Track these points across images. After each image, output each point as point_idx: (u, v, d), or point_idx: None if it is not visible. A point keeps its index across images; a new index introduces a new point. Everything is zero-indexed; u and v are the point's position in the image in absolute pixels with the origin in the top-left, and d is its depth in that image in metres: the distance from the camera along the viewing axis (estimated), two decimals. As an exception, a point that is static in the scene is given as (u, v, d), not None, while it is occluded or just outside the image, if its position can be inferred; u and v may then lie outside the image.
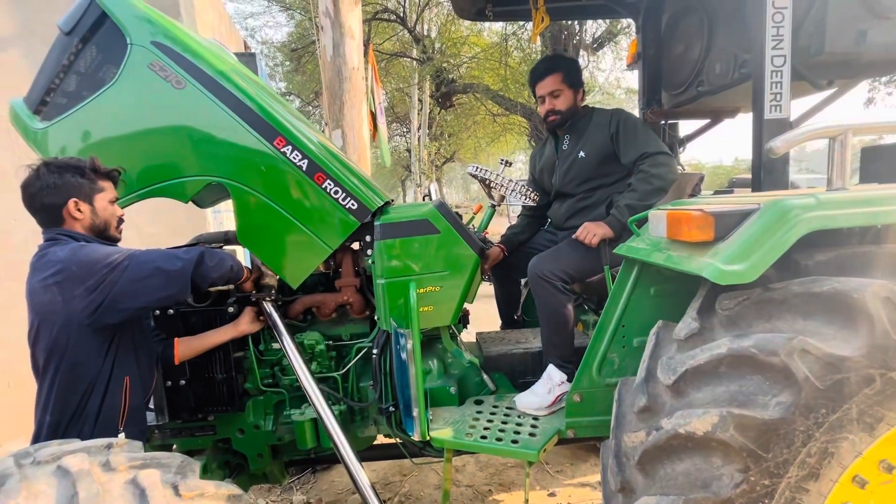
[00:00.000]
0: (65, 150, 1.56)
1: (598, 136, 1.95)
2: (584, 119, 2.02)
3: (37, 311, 1.30)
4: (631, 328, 1.60)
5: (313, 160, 1.63)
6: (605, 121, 1.95)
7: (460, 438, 1.63)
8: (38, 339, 1.30)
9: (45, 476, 1.07)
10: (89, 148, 1.56)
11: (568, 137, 2.06)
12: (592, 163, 1.96)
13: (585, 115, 2.04)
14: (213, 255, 1.46)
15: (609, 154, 1.94)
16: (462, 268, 1.76)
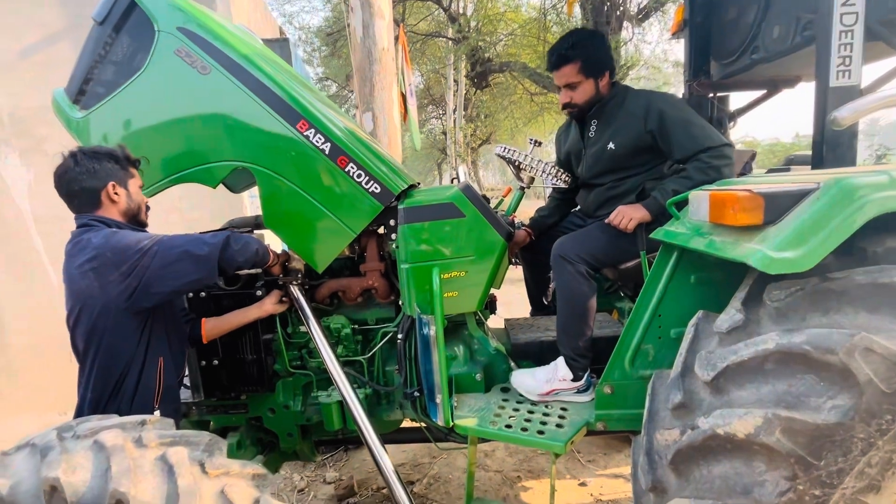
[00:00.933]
0: (102, 138, 1.62)
1: (630, 127, 1.74)
2: (613, 103, 1.80)
3: (76, 296, 1.36)
4: (668, 318, 1.50)
5: (336, 143, 1.61)
6: (639, 110, 1.72)
7: (484, 427, 1.60)
8: (78, 323, 1.36)
9: (83, 450, 1.13)
10: (124, 135, 1.60)
11: (595, 124, 1.86)
12: (624, 155, 1.78)
13: (615, 97, 1.80)
14: (239, 238, 1.48)
15: (644, 146, 1.75)
16: (488, 253, 1.70)
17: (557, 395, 1.72)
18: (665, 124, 1.67)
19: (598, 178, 1.88)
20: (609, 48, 1.80)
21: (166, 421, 1.31)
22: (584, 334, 1.68)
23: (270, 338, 1.80)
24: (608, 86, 1.82)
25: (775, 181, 1.16)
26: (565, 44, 1.76)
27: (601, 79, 1.79)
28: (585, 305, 1.66)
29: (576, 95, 1.80)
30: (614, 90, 1.83)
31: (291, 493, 2.65)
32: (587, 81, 1.77)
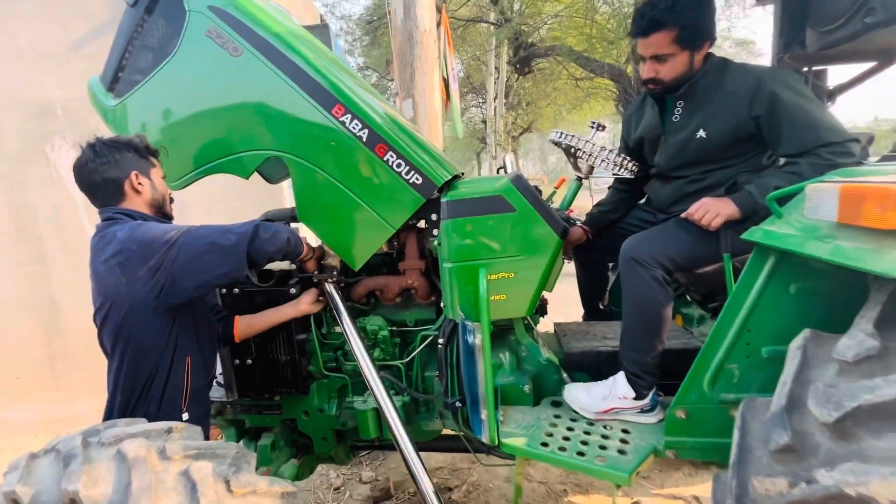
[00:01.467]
0: (137, 126, 1.55)
1: (731, 111, 1.44)
2: (708, 81, 1.49)
3: (104, 293, 1.30)
4: (760, 334, 1.26)
5: (374, 130, 1.47)
6: (744, 91, 1.41)
7: (535, 448, 1.42)
8: (107, 320, 1.30)
9: (105, 460, 1.05)
10: (155, 124, 1.53)
11: (681, 106, 1.57)
12: (717, 146, 1.49)
13: (710, 73, 1.49)
14: (268, 227, 1.37)
15: (745, 135, 1.46)
16: (540, 251, 1.51)
17: (617, 414, 1.52)
18: (777, 110, 1.37)
19: (680, 169, 1.60)
20: (714, 11, 1.48)
21: (193, 429, 1.23)
22: (654, 349, 1.46)
23: (304, 338, 1.70)
24: (703, 59, 1.50)
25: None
26: (661, 4, 1.42)
27: (698, 51, 1.47)
28: (659, 317, 1.43)
29: (664, 70, 1.48)
30: (708, 64, 1.50)
31: (327, 491, 2.60)
32: (681, 54, 1.45)
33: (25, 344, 3.28)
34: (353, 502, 2.52)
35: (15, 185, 3.08)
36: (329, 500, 2.53)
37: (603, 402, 1.52)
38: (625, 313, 1.51)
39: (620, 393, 1.50)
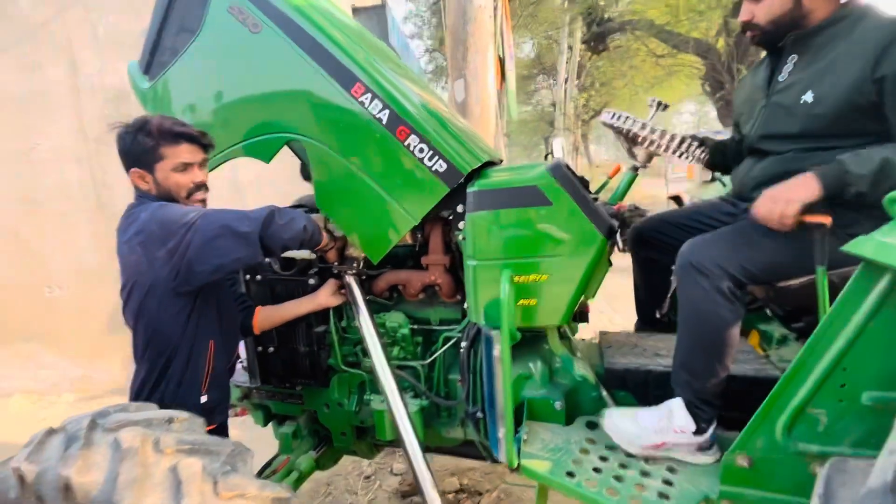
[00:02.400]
0: (164, 109, 1.54)
1: (849, 69, 1.10)
2: (836, 30, 1.15)
3: (128, 272, 1.31)
4: (861, 374, 0.98)
5: (395, 111, 1.33)
6: (873, 43, 1.07)
7: (558, 477, 1.24)
8: (130, 298, 1.31)
9: (103, 447, 1.04)
10: (182, 106, 1.51)
11: (794, 60, 1.24)
12: (826, 116, 1.15)
13: (839, 23, 1.16)
14: (284, 214, 1.29)
15: (865, 106, 1.11)
16: (580, 252, 1.30)
17: (668, 450, 1.27)
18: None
19: (774, 142, 1.26)
20: None
21: (195, 421, 1.20)
22: (717, 374, 1.20)
23: (324, 330, 1.64)
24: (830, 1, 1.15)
25: None
26: None
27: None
28: (723, 337, 1.17)
29: (759, 10, 1.19)
30: (842, 9, 1.16)
31: (358, 478, 2.60)
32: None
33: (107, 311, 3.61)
34: (382, 493, 2.49)
35: (95, 166, 3.36)
36: (359, 487, 2.52)
37: (656, 434, 1.25)
38: (680, 329, 1.26)
39: (678, 425, 1.24)
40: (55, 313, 3.58)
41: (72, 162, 3.39)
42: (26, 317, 3.61)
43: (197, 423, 1.20)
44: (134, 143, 1.29)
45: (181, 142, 1.31)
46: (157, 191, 1.32)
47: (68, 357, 3.64)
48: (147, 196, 1.33)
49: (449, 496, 2.41)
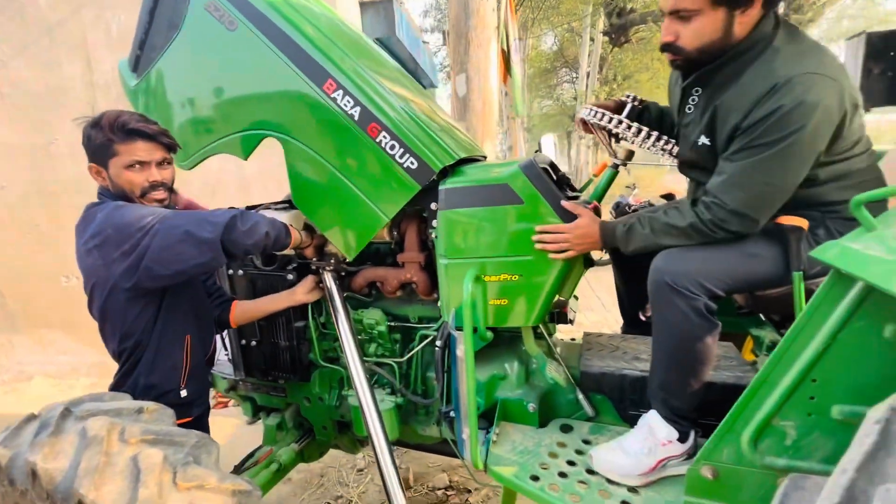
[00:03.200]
0: (148, 105, 1.58)
1: (730, 119, 1.05)
2: (742, 62, 1.06)
3: (86, 274, 1.31)
4: (830, 387, 0.93)
5: (367, 107, 1.32)
6: (763, 87, 1.00)
7: (523, 481, 1.23)
8: (93, 298, 1.33)
9: (72, 435, 1.08)
10: (163, 103, 1.54)
11: (697, 94, 1.18)
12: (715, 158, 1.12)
13: (752, 51, 1.05)
14: (247, 219, 1.28)
15: None
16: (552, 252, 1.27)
17: (666, 466, 1.20)
18: (751, 126, 0.99)
19: (694, 172, 1.23)
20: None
21: (165, 412, 1.23)
22: (692, 391, 1.15)
23: (303, 325, 1.66)
24: (750, 26, 1.04)
25: None
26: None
27: (743, 11, 1.02)
28: (700, 354, 1.11)
29: (686, 33, 1.06)
30: (758, 35, 1.05)
31: (351, 472, 2.63)
32: (712, 12, 1.02)
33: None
34: (373, 486, 2.51)
35: (108, 160, 3.48)
36: (351, 480, 2.55)
37: (647, 457, 1.19)
38: (654, 347, 1.20)
39: (662, 437, 1.19)
40: (71, 302, 3.72)
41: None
42: (45, 305, 3.77)
43: (166, 413, 1.23)
44: (90, 137, 1.28)
45: (136, 139, 1.26)
46: (112, 188, 1.30)
47: (85, 343, 3.79)
48: (106, 193, 1.32)
49: (438, 492, 2.41)
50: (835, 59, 1.01)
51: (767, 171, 0.99)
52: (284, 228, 1.38)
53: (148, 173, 1.29)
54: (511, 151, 10.40)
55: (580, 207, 1.24)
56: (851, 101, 0.97)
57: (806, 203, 1.06)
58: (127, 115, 1.28)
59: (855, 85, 1.01)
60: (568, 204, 1.24)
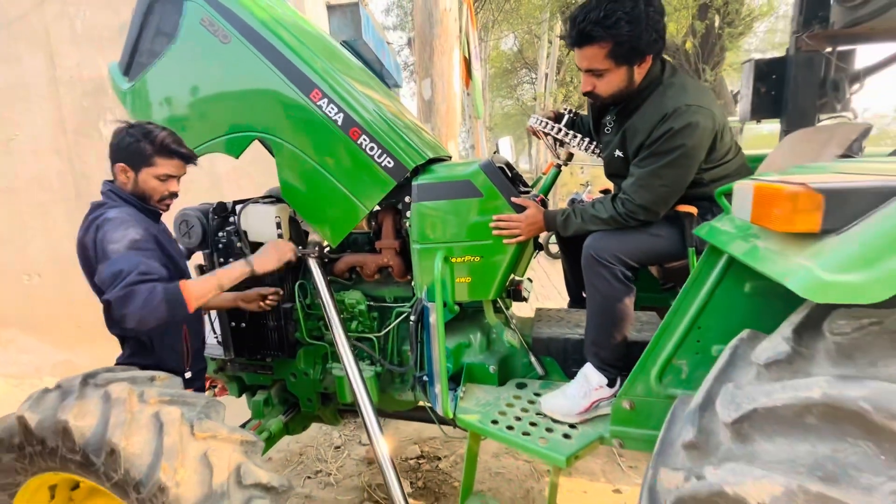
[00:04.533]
0: (143, 108, 1.71)
1: (637, 137, 1.36)
2: (639, 101, 1.37)
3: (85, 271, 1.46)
4: (711, 331, 1.23)
5: (349, 114, 1.53)
6: (656, 116, 1.29)
7: (485, 424, 1.49)
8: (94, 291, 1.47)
9: (95, 398, 1.24)
10: (158, 105, 1.68)
11: (611, 121, 1.51)
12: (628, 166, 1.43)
13: (648, 89, 1.36)
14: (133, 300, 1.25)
15: None
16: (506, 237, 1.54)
17: (598, 407, 1.48)
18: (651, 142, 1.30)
19: (611, 177, 1.56)
20: (658, 20, 1.27)
21: (174, 380, 1.40)
22: (617, 343, 1.45)
23: (290, 307, 1.84)
24: (645, 72, 1.34)
25: (859, 171, 0.84)
26: (592, 15, 1.26)
27: (640, 64, 1.31)
28: (620, 313, 1.41)
29: (600, 85, 1.35)
30: (651, 77, 1.34)
31: (328, 449, 2.82)
32: (618, 70, 1.30)
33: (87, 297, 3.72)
34: (350, 461, 2.71)
35: (74, 157, 3.46)
36: (329, 457, 2.75)
37: (583, 399, 1.48)
38: (588, 310, 1.50)
39: (595, 382, 1.49)
40: (33, 300, 3.68)
41: (50, 153, 3.49)
42: (4, 304, 3.70)
43: (175, 381, 1.40)
44: (133, 144, 1.42)
45: (174, 158, 1.46)
46: (133, 188, 1.46)
47: (48, 342, 3.74)
48: (116, 191, 1.46)
49: (411, 461, 2.65)
50: (708, 91, 1.34)
51: (663, 175, 1.31)
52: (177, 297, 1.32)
53: (170, 185, 1.49)
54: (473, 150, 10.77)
55: (528, 200, 1.51)
56: (720, 123, 1.31)
57: (697, 197, 1.39)
58: (171, 137, 1.45)
59: (723, 111, 1.34)
60: (518, 199, 1.51)
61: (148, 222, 1.47)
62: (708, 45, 8.28)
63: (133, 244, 1.33)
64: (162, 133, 1.45)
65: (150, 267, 1.32)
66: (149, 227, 1.44)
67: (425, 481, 2.49)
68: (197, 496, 1.16)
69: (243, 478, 1.22)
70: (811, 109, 1.81)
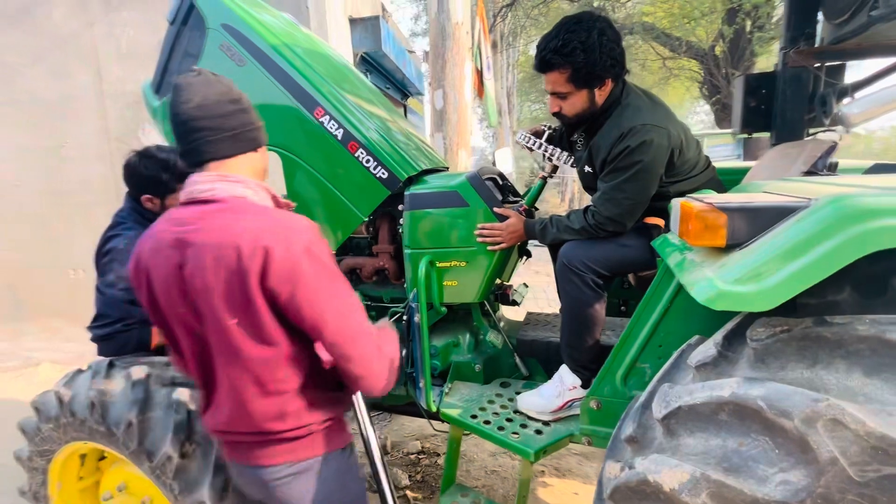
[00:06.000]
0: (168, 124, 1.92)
1: (601, 153, 1.44)
2: (602, 120, 1.47)
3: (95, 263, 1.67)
4: (671, 337, 1.31)
5: (348, 129, 1.68)
6: (615, 134, 1.38)
7: (464, 418, 1.60)
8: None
9: (119, 378, 1.43)
10: (183, 121, 1.88)
11: (581, 138, 1.61)
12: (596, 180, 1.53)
13: (606, 114, 1.45)
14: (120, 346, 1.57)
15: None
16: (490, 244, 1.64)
17: (571, 406, 1.57)
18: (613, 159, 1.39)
19: (586, 189, 1.65)
20: (614, 48, 1.36)
21: (187, 366, 1.58)
22: (589, 346, 1.53)
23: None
24: (607, 94, 1.43)
25: (781, 191, 0.91)
26: (552, 44, 1.36)
27: (600, 87, 1.41)
28: (591, 318, 1.49)
29: (565, 106, 1.46)
30: (612, 99, 1.44)
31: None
32: (579, 93, 1.41)
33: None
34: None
35: (115, 163, 3.78)
36: (335, 448, 2.90)
37: (557, 398, 1.58)
38: (562, 315, 1.58)
39: (569, 383, 1.59)
40: (78, 293, 4.02)
41: (95, 159, 3.82)
42: (52, 296, 4.06)
43: (188, 367, 1.58)
44: (155, 177, 1.61)
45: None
46: (161, 212, 1.62)
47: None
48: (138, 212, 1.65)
49: (411, 456, 2.77)
50: (664, 111, 1.41)
51: (626, 189, 1.39)
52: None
53: None
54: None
55: (509, 210, 1.62)
56: (677, 140, 1.38)
57: (664, 210, 1.46)
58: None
59: (681, 129, 1.41)
60: (500, 209, 1.62)
61: None
62: (738, 50, 8.09)
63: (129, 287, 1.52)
64: (177, 161, 1.58)
65: (134, 314, 1.54)
66: None
67: (423, 475, 2.60)
68: (200, 467, 1.32)
69: (241, 454, 1.38)
70: (799, 123, 1.84)
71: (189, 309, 0.93)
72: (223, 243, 0.88)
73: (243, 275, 0.87)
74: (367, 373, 0.98)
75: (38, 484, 1.61)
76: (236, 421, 0.98)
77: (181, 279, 0.91)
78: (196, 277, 0.90)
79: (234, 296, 0.89)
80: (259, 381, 0.94)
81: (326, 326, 0.92)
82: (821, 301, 0.81)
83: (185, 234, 0.92)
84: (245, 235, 0.88)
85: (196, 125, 0.96)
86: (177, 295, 0.93)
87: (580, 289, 1.47)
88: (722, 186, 1.50)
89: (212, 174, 0.97)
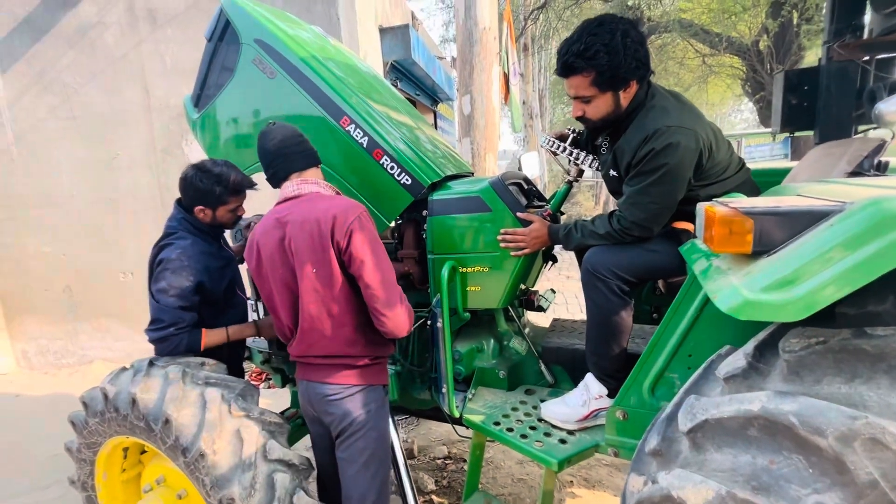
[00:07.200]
0: (207, 136, 2.02)
1: (625, 156, 1.39)
2: (627, 123, 1.41)
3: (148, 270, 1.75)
4: (701, 346, 1.25)
5: (373, 137, 1.72)
6: (639, 137, 1.33)
7: (487, 425, 1.59)
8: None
9: (157, 377, 1.51)
10: (218, 132, 1.98)
11: (606, 142, 1.56)
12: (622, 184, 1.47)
13: (631, 116, 1.40)
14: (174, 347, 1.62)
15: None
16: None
17: (597, 416, 1.53)
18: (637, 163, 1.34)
19: (612, 194, 1.60)
20: (638, 49, 1.31)
21: (220, 366, 1.65)
22: (615, 354, 1.49)
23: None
24: (632, 97, 1.38)
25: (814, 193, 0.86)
26: (574, 48, 1.32)
27: (624, 90, 1.36)
28: (617, 325, 1.45)
29: (589, 110, 1.41)
30: (636, 101, 1.39)
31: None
32: (603, 96, 1.36)
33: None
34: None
35: (161, 172, 4.01)
36: (363, 450, 2.94)
37: (582, 407, 1.54)
38: (588, 322, 1.54)
39: (595, 392, 1.55)
40: (127, 295, 4.27)
41: (143, 168, 4.07)
42: (104, 297, 4.34)
43: (221, 367, 1.64)
44: (209, 189, 1.67)
45: (243, 193, 1.74)
46: (211, 222, 1.73)
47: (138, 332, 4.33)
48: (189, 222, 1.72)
49: (438, 461, 2.77)
50: (693, 111, 1.36)
51: (652, 193, 1.34)
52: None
53: (238, 211, 1.78)
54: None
55: (532, 216, 1.60)
56: (706, 142, 1.31)
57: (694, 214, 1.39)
58: (238, 177, 1.70)
59: (711, 130, 1.35)
60: (523, 214, 1.60)
61: (206, 249, 1.71)
62: (784, 44, 7.68)
63: (180, 294, 1.61)
64: (231, 175, 1.68)
65: (185, 318, 1.62)
66: (202, 259, 1.66)
67: (450, 481, 2.60)
68: (230, 464, 1.37)
69: (269, 453, 1.42)
70: (846, 121, 1.73)
71: (287, 269, 1.38)
72: (308, 219, 1.35)
73: (322, 235, 1.32)
74: (392, 313, 1.36)
75: (85, 474, 1.72)
76: (315, 347, 1.42)
77: (283, 250, 1.37)
78: (292, 243, 1.35)
79: (316, 250, 1.33)
80: (331, 314, 1.37)
81: (366, 271, 1.33)
82: (861, 311, 0.76)
83: (284, 217, 1.39)
84: (321, 212, 1.35)
85: (281, 153, 1.44)
86: (279, 261, 1.39)
87: (606, 296, 1.43)
88: (756, 189, 1.43)
89: (295, 181, 1.45)
